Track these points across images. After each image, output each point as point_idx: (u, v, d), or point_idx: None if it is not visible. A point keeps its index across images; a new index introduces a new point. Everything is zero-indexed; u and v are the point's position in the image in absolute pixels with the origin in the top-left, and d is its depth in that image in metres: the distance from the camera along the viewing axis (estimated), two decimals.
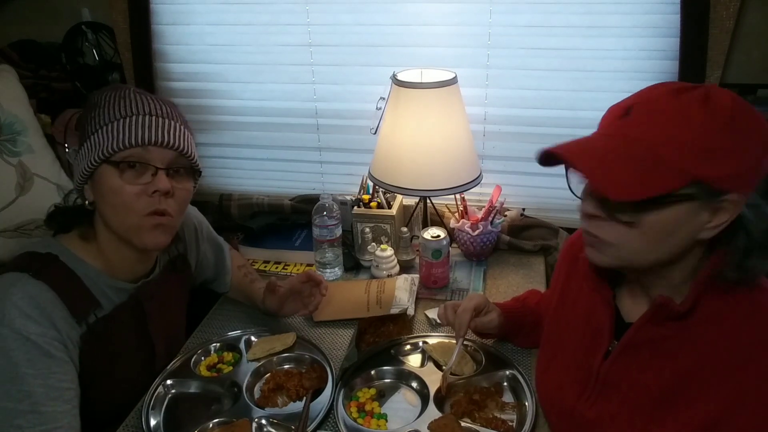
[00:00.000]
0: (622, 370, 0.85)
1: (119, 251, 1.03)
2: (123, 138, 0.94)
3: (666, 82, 0.77)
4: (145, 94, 1.01)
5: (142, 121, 0.96)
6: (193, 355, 1.20)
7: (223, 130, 1.83)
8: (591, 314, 0.92)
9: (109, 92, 1.00)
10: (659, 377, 0.80)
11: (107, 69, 1.82)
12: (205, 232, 1.32)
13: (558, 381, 0.96)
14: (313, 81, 1.70)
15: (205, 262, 1.33)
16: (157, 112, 0.98)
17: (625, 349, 0.84)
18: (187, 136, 1.02)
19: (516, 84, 1.58)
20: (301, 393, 1.09)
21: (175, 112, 1.02)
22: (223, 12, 1.66)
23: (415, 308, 1.34)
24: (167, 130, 0.97)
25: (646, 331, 0.82)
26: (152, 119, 0.97)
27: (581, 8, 1.46)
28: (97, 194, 0.99)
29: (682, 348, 0.79)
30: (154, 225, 0.99)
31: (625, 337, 0.84)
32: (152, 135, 0.96)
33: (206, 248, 1.32)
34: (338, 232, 1.46)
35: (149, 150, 0.96)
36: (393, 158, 1.44)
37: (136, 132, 0.95)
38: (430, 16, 1.55)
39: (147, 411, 1.05)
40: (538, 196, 1.69)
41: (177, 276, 1.20)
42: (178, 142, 0.98)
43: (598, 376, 0.87)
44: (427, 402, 1.05)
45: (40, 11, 1.80)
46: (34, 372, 0.89)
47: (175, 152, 0.99)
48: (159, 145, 0.96)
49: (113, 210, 0.98)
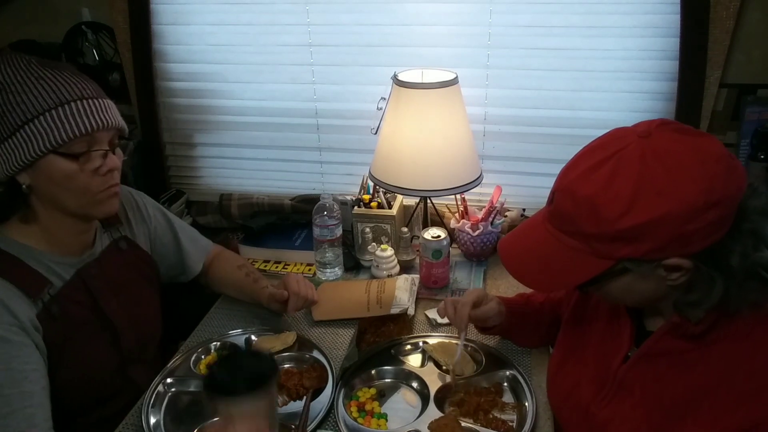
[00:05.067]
0: (638, 376, 0.85)
1: (63, 226, 1.05)
2: (69, 129, 0.95)
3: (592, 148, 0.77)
4: (54, 67, 0.99)
5: (82, 107, 0.97)
6: (194, 354, 1.20)
7: (223, 130, 1.83)
8: (613, 317, 0.92)
9: (8, 69, 0.96)
10: (673, 389, 0.80)
11: (107, 69, 1.82)
12: (151, 211, 1.30)
13: (575, 377, 0.96)
14: (313, 81, 1.70)
15: (160, 242, 1.30)
16: (88, 93, 1.00)
17: (643, 356, 0.85)
18: (115, 110, 1.04)
19: (516, 84, 1.58)
20: (301, 392, 1.09)
21: (95, 87, 1.03)
22: (223, 12, 1.66)
23: (415, 308, 1.34)
24: (106, 112, 1.00)
25: (664, 343, 0.82)
26: (89, 103, 0.98)
27: (581, 8, 1.46)
28: (41, 180, 0.99)
29: (697, 364, 0.79)
30: (110, 195, 1.04)
31: (644, 345, 0.84)
32: (97, 121, 0.98)
33: (158, 226, 1.30)
34: (338, 232, 1.46)
35: (96, 135, 0.99)
36: (393, 158, 1.44)
37: (81, 121, 0.96)
38: (430, 16, 1.55)
39: (147, 409, 1.06)
40: (538, 196, 1.69)
41: (123, 256, 1.19)
42: (117, 121, 1.03)
43: (615, 379, 0.87)
44: (427, 402, 1.05)
45: (40, 11, 1.80)
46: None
47: (114, 130, 1.03)
48: (104, 129, 1.00)
49: (68, 193, 1.00)
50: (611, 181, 0.70)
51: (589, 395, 0.91)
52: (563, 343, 1.04)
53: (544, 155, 1.64)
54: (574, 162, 0.78)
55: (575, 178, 0.74)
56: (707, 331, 0.77)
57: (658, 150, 0.69)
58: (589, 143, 0.78)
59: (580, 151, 0.79)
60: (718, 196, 0.67)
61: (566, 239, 0.76)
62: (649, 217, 0.68)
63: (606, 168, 0.71)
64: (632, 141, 0.71)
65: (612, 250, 0.72)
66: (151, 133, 1.85)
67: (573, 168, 0.76)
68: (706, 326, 0.77)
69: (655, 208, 0.68)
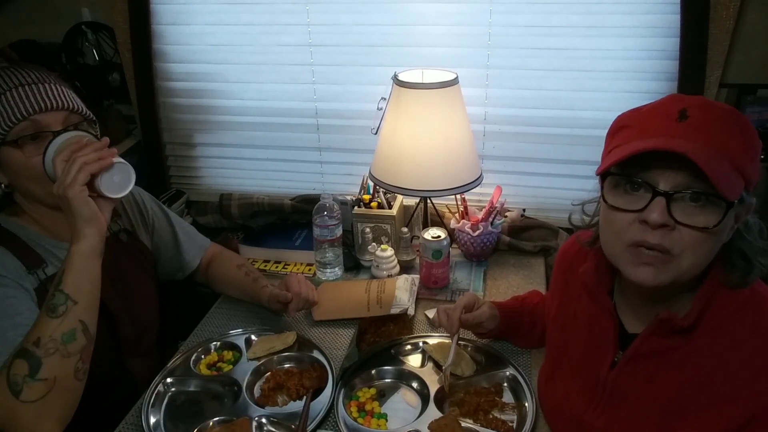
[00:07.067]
0: (629, 381, 0.85)
1: (50, 217, 1.06)
2: (6, 116, 0.95)
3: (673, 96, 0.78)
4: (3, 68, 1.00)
5: (20, 93, 0.96)
6: (194, 354, 1.20)
7: (223, 130, 1.84)
8: (593, 324, 0.91)
9: None
10: (668, 387, 0.80)
11: (107, 69, 1.82)
12: (149, 205, 1.30)
13: (564, 390, 0.95)
14: (313, 81, 1.70)
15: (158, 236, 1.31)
16: (29, 79, 0.99)
17: (630, 360, 0.84)
18: (65, 92, 1.02)
19: (516, 84, 1.58)
20: (301, 392, 1.09)
21: (41, 74, 1.02)
22: (223, 12, 1.66)
23: (415, 308, 1.34)
24: (47, 94, 0.98)
25: (650, 343, 0.82)
26: (28, 89, 0.97)
27: (581, 8, 1.46)
28: (10, 176, 1.00)
29: (689, 359, 0.79)
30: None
31: (631, 348, 0.84)
32: (35, 104, 0.97)
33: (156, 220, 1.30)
34: (338, 232, 1.46)
35: (39, 119, 0.97)
36: (394, 158, 1.44)
37: (17, 106, 0.96)
38: (430, 16, 1.55)
39: (147, 409, 1.05)
40: (538, 197, 1.69)
41: (123, 248, 1.20)
42: (63, 102, 1.00)
43: (605, 386, 0.87)
44: (427, 402, 1.05)
45: (40, 11, 1.81)
46: None
47: (65, 111, 1.00)
48: (46, 111, 0.97)
49: (31, 183, 1.00)
50: (732, 109, 0.74)
51: (581, 406, 0.91)
52: (549, 357, 1.05)
53: (544, 155, 1.64)
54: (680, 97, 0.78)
55: (701, 98, 0.76)
56: (694, 324, 0.77)
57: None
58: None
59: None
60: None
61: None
62: (755, 141, 0.73)
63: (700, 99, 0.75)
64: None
65: (743, 167, 0.71)
66: (151, 133, 1.85)
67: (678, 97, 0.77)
68: (693, 319, 0.76)
69: (754, 137, 0.73)
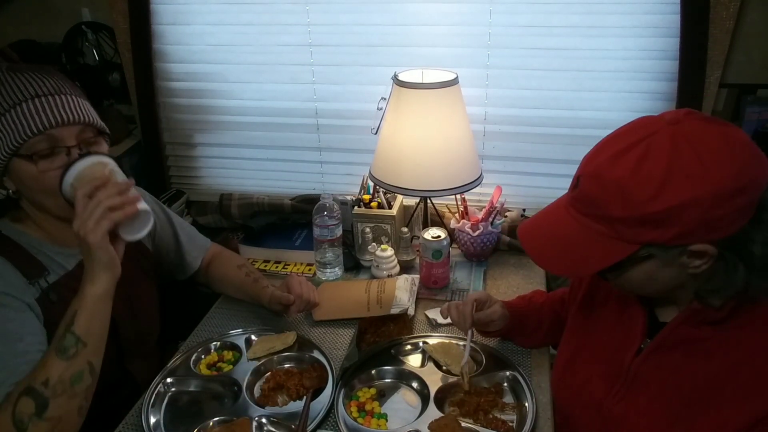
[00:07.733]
0: (653, 369, 0.85)
1: (55, 225, 1.05)
2: (22, 129, 0.93)
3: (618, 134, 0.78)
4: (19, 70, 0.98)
5: (36, 105, 0.94)
6: (194, 354, 1.20)
7: (223, 130, 1.83)
8: (623, 311, 0.92)
9: None
10: (692, 378, 0.80)
11: (107, 69, 1.82)
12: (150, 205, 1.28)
13: (585, 374, 0.96)
14: (313, 81, 1.70)
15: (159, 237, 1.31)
16: (45, 90, 0.96)
17: (658, 348, 0.85)
18: (82, 104, 1.00)
19: (516, 84, 1.58)
20: (301, 392, 1.09)
21: (57, 83, 0.99)
22: (223, 12, 1.66)
23: (415, 308, 1.34)
24: (64, 107, 0.96)
25: (680, 332, 0.82)
26: (45, 100, 0.95)
27: (581, 8, 1.46)
28: (18, 184, 1.00)
29: (717, 351, 0.79)
30: None
31: (659, 336, 0.84)
32: (53, 118, 0.94)
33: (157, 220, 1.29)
34: (338, 232, 1.46)
35: (54, 133, 0.95)
36: (394, 158, 1.44)
37: (33, 119, 0.93)
38: (430, 16, 1.55)
39: (147, 409, 1.05)
40: (538, 196, 1.69)
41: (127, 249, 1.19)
42: (82, 116, 0.98)
43: (628, 373, 0.87)
44: (427, 402, 1.05)
45: (40, 11, 1.81)
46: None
47: (80, 125, 0.98)
48: (63, 125, 0.95)
49: (42, 195, 0.99)
50: (641, 164, 0.71)
51: (602, 391, 0.91)
52: (570, 341, 1.04)
53: (544, 155, 1.64)
54: (599, 148, 0.78)
55: (602, 162, 0.74)
56: (728, 316, 0.77)
57: (689, 135, 0.70)
58: (613, 131, 0.79)
59: (603, 139, 0.79)
60: (745, 182, 0.68)
61: (591, 224, 0.76)
62: (679, 200, 0.68)
63: (635, 152, 0.72)
64: (661, 127, 0.72)
65: (638, 235, 0.72)
66: (151, 133, 1.85)
67: (599, 153, 0.76)
68: (727, 312, 0.77)
69: (685, 191, 0.68)
